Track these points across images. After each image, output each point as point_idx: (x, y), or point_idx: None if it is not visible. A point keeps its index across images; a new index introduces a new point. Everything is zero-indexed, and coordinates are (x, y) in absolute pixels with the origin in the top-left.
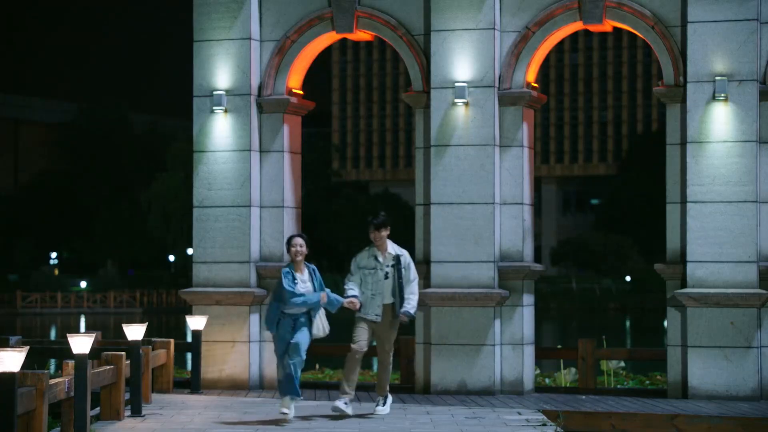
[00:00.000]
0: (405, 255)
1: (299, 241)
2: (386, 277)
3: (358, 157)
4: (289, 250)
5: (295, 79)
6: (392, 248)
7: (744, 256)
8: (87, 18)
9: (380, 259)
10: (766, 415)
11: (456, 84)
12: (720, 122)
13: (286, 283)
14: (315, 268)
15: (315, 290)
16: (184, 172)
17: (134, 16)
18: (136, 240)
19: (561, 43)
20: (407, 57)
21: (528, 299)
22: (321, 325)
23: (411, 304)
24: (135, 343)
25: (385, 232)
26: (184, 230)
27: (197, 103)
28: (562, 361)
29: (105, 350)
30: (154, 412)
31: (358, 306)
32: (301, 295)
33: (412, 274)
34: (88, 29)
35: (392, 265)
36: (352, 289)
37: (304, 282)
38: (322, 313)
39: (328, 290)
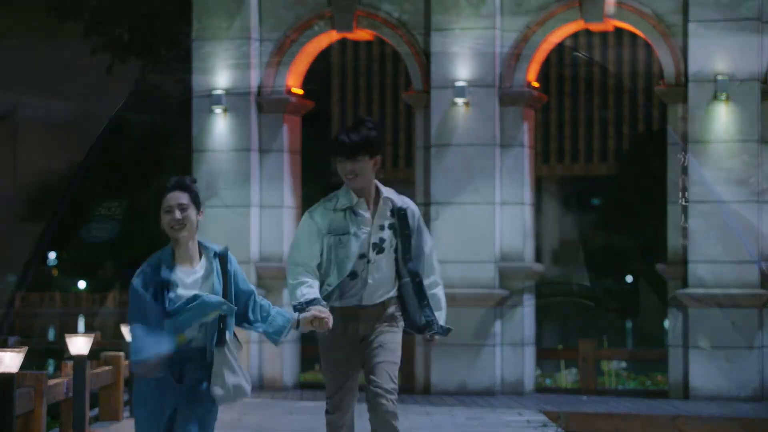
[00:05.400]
0: (411, 207)
1: (178, 196)
2: (378, 251)
3: None
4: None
5: (294, 79)
6: (388, 195)
7: (745, 256)
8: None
9: (362, 212)
10: None
11: (456, 83)
12: (721, 122)
13: (136, 284)
14: (223, 251)
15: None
16: (184, 173)
17: (134, 15)
18: (135, 240)
19: (561, 42)
20: (407, 56)
21: (528, 299)
22: (230, 383)
23: (441, 306)
24: None
25: (367, 163)
26: None
27: (196, 103)
28: (562, 361)
29: (104, 351)
30: None
31: (330, 321)
32: (184, 309)
33: (429, 241)
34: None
35: (391, 226)
36: (310, 287)
37: (187, 284)
38: (232, 346)
39: (261, 298)
